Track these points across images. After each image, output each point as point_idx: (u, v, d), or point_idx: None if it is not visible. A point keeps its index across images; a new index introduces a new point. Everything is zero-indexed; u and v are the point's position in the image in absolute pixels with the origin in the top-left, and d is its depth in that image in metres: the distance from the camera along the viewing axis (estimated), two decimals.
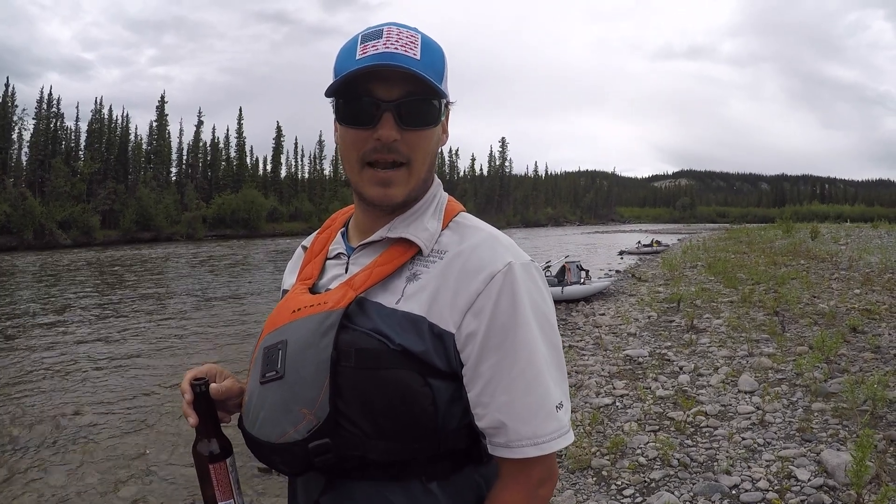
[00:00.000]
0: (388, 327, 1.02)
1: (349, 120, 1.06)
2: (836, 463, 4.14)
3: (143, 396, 8.20)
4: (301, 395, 1.01)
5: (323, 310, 1.05)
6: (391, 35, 1.03)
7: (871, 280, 12.89)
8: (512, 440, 1.01)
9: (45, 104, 61.96)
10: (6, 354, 10.67)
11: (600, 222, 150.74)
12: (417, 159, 1.07)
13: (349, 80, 1.01)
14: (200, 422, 1.13)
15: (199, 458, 1.14)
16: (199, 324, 13.76)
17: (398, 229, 1.10)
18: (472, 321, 1.01)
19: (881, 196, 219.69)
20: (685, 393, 6.23)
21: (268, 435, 1.04)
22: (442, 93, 1.05)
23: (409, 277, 1.06)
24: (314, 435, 1.00)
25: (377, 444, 1.01)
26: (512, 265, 1.03)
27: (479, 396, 1.02)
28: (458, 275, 1.03)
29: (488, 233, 1.10)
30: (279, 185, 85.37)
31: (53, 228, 49.42)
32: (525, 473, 1.04)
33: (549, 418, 1.01)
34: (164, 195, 64.27)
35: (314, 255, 1.23)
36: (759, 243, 27.73)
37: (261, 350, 1.11)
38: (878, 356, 6.91)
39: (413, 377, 1.00)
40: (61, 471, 5.81)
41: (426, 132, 1.07)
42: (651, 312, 11.45)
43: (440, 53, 1.08)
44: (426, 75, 1.01)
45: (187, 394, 1.12)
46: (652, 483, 4.31)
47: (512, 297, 1.01)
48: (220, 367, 1.21)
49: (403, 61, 1.00)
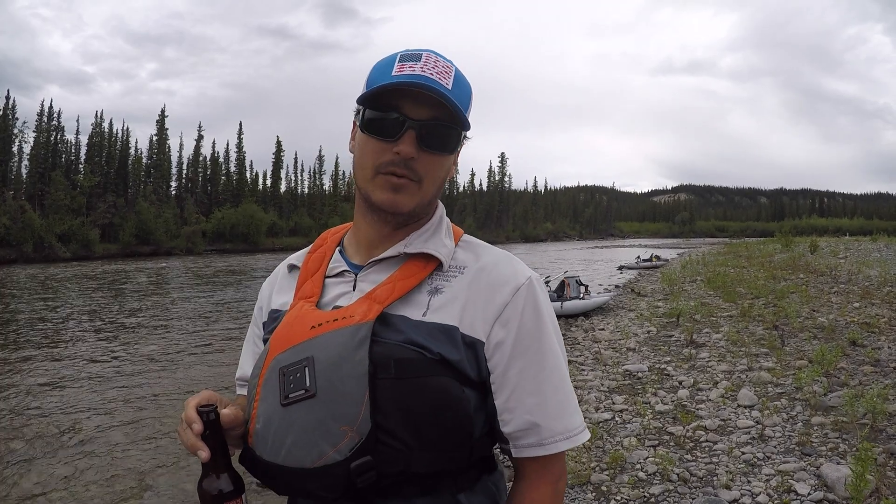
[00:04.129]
0: (422, 338, 1.03)
1: (373, 129, 1.08)
2: (835, 477, 4.12)
3: (142, 410, 8.16)
4: (339, 411, 0.98)
5: (350, 323, 1.03)
6: (429, 60, 1.07)
7: (871, 293, 12.88)
8: (545, 438, 1.07)
9: (46, 117, 62.31)
10: (3, 367, 10.63)
11: (599, 237, 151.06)
12: (428, 181, 1.10)
13: (382, 91, 1.05)
14: (212, 455, 1.00)
15: (209, 498, 1.01)
16: (198, 338, 13.72)
17: (416, 245, 1.13)
18: (500, 330, 1.07)
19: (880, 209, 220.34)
20: (685, 408, 6.21)
21: (301, 460, 0.99)
22: (465, 123, 1.09)
23: (431, 291, 1.09)
24: (357, 453, 0.97)
25: (419, 455, 1.00)
26: (532, 279, 1.11)
27: (506, 402, 1.07)
28: (485, 287, 1.09)
29: (502, 251, 1.17)
30: (279, 199, 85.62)
31: (53, 242, 49.46)
32: (549, 470, 1.10)
33: (576, 413, 1.10)
34: (163, 209, 64.39)
35: (310, 273, 1.20)
36: (758, 257, 27.72)
37: (273, 371, 1.05)
38: (877, 369, 6.90)
39: (452, 383, 1.03)
40: (58, 485, 5.77)
41: (441, 158, 1.10)
42: (650, 327, 11.44)
43: (469, 89, 1.13)
44: (456, 106, 1.05)
45: (196, 423, 1.00)
46: (652, 498, 4.29)
47: (535, 308, 1.09)
48: (218, 394, 1.10)
49: (436, 85, 1.03)
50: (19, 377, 9.99)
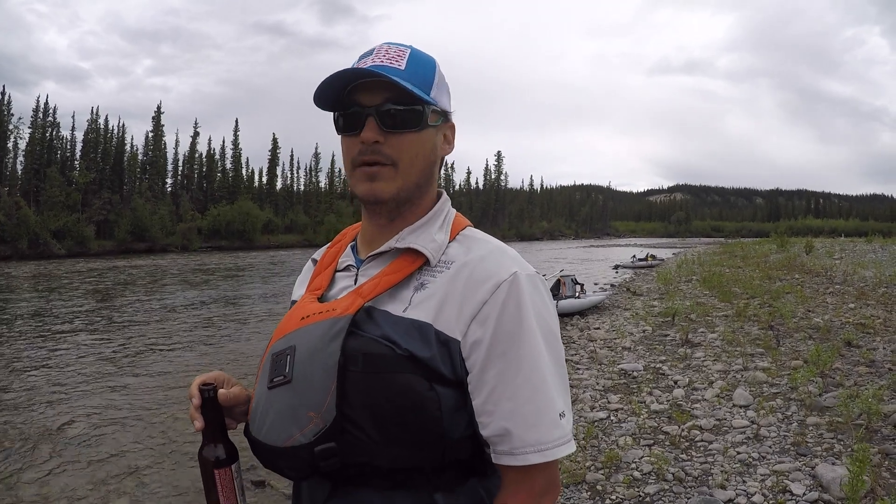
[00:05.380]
0: (396, 334, 1.04)
1: (343, 128, 1.13)
2: (831, 477, 4.13)
3: (138, 405, 8.13)
4: (308, 398, 1.03)
5: (331, 316, 1.08)
6: (381, 51, 1.12)
7: (866, 294, 12.93)
8: (516, 447, 1.02)
9: (42, 113, 61.94)
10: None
11: (595, 236, 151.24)
12: (403, 160, 1.11)
13: (327, 90, 1.10)
14: (207, 427, 1.14)
15: (205, 464, 1.14)
16: (194, 334, 13.70)
17: (406, 240, 1.13)
18: (477, 329, 1.03)
19: (875, 210, 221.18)
20: (680, 407, 6.21)
21: (274, 439, 1.06)
22: (422, 99, 1.09)
23: (417, 287, 1.09)
24: (320, 439, 1.01)
25: (383, 449, 1.02)
26: (517, 275, 1.06)
27: (483, 404, 1.04)
28: (464, 284, 1.06)
29: (495, 245, 1.14)
30: (275, 196, 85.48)
31: (48, 238, 49.28)
32: (528, 482, 1.05)
33: (553, 426, 1.02)
34: (159, 206, 64.17)
35: (324, 267, 1.26)
36: (753, 258, 27.79)
37: (269, 356, 1.14)
38: (872, 370, 6.91)
39: (419, 381, 1.01)
40: (55, 481, 5.74)
41: (410, 136, 1.11)
42: (646, 326, 11.45)
43: (430, 64, 1.15)
44: (405, 83, 1.06)
45: (195, 398, 1.14)
46: (647, 498, 4.28)
47: (517, 307, 1.03)
48: (228, 375, 1.23)
49: (386, 71, 1.06)
50: (11, 373, 9.95)
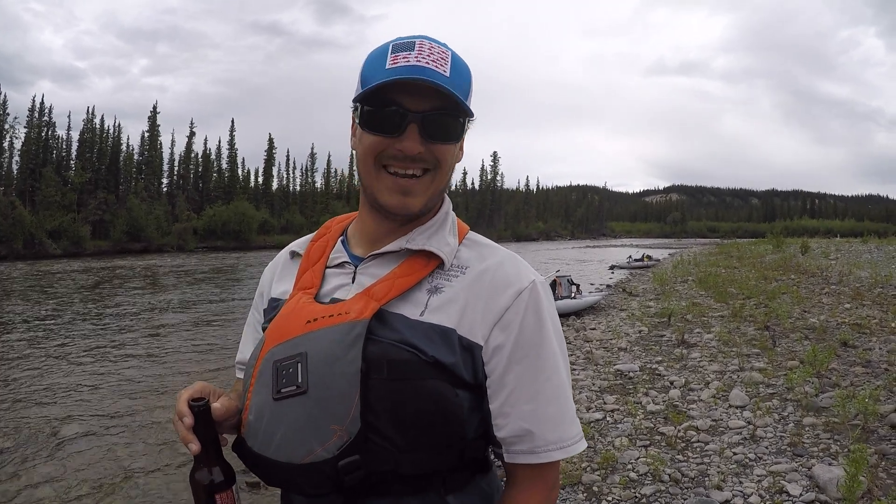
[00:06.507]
0: (417, 339, 1.01)
1: (373, 126, 1.04)
2: (827, 478, 4.12)
3: (130, 407, 8.09)
4: (330, 410, 0.97)
5: (345, 320, 1.02)
6: (423, 48, 1.03)
7: (862, 294, 12.95)
8: (538, 446, 1.04)
9: (37, 112, 61.85)
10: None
11: (591, 237, 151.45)
12: (439, 171, 1.08)
13: (379, 88, 1.01)
14: (203, 448, 1.02)
15: (201, 489, 1.03)
16: (187, 335, 13.65)
17: (418, 241, 1.10)
18: (499, 335, 1.04)
19: (871, 211, 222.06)
20: (676, 408, 6.20)
21: (289, 455, 0.99)
22: (468, 111, 1.05)
23: (431, 290, 1.07)
24: (345, 452, 0.97)
25: (408, 456, 1.00)
26: (535, 283, 1.09)
27: (501, 407, 1.05)
28: (487, 289, 1.06)
29: (507, 252, 1.14)
30: (270, 197, 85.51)
31: (43, 238, 49.13)
32: (543, 478, 1.07)
33: (573, 423, 1.07)
34: (154, 206, 64.10)
35: (312, 262, 1.18)
36: (749, 258, 27.85)
37: (268, 363, 1.05)
38: (868, 370, 6.91)
39: (445, 387, 1.01)
40: (46, 484, 5.70)
41: (448, 147, 1.07)
42: (642, 327, 11.44)
43: (468, 72, 1.08)
44: (456, 92, 1.01)
45: (186, 417, 1.01)
46: (643, 499, 4.27)
47: (536, 313, 1.06)
48: (212, 385, 1.12)
49: (433, 76, 1.00)
50: (6, 373, 9.91)
